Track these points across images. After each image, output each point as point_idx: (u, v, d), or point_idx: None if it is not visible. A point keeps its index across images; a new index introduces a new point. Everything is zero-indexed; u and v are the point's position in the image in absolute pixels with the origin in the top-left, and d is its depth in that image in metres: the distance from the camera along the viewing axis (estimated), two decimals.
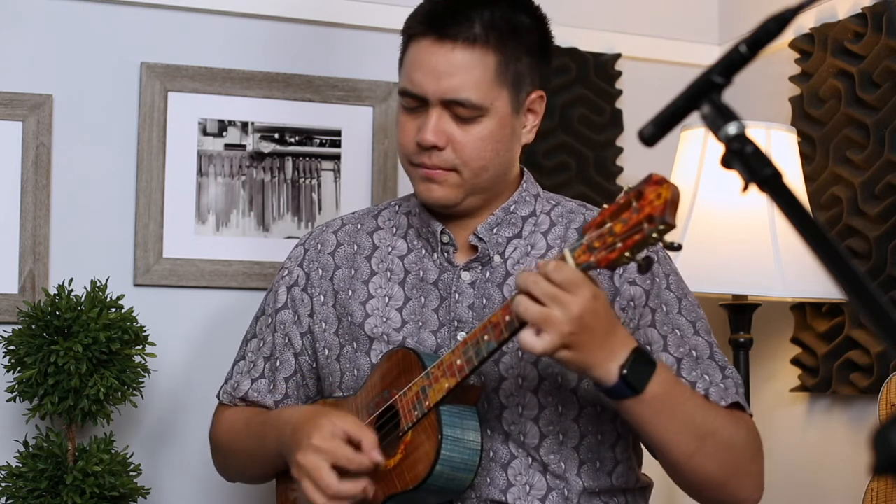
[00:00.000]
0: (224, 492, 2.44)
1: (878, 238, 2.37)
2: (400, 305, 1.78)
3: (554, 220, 1.80)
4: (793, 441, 2.62)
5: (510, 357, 1.71)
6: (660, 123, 1.13)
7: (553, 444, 1.71)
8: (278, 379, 1.89)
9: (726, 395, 1.71)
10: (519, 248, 1.77)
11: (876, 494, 2.04)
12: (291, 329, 1.88)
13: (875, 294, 0.92)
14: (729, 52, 1.10)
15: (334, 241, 1.88)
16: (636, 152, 2.71)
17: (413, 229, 1.83)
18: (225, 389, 1.94)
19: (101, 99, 2.41)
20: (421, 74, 1.68)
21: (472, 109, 1.68)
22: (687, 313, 1.75)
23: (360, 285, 1.82)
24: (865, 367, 2.40)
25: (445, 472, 1.60)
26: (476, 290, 1.75)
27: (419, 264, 1.80)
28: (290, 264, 1.91)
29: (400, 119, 1.74)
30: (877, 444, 0.82)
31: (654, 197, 1.39)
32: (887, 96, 2.38)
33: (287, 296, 1.89)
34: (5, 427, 2.27)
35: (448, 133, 1.69)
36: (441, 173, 1.70)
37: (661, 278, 1.75)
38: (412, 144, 1.71)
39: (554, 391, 1.71)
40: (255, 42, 2.53)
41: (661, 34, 2.86)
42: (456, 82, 1.67)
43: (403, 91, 1.71)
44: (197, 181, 2.45)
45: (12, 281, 2.30)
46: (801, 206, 1.00)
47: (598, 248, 1.44)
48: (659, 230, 1.38)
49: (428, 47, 1.68)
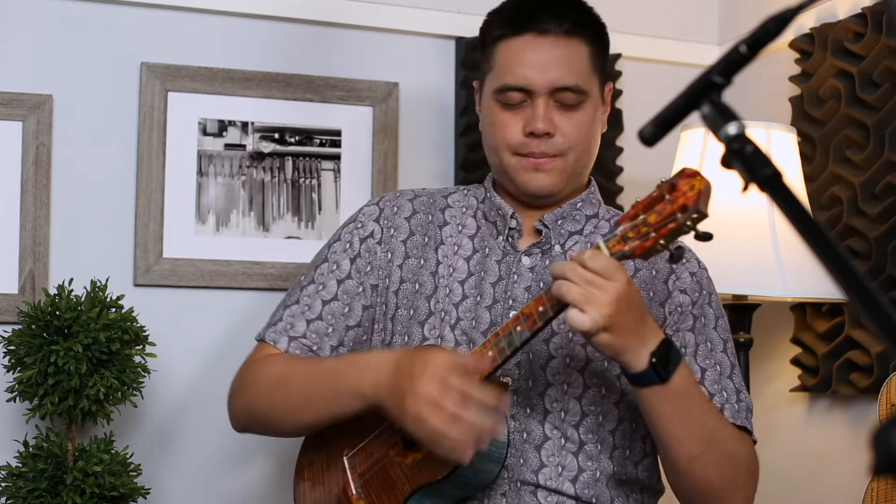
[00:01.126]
0: (224, 491, 2.44)
1: (878, 238, 2.37)
2: (463, 279, 1.84)
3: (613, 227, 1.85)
4: (793, 441, 2.62)
5: (561, 337, 1.78)
6: (660, 123, 1.13)
7: (592, 423, 1.77)
8: (339, 324, 1.84)
9: (737, 416, 1.78)
10: (579, 243, 1.85)
11: (876, 494, 2.04)
12: (365, 279, 1.87)
13: (875, 294, 0.92)
14: (729, 52, 1.10)
15: (410, 208, 1.92)
16: (636, 152, 2.71)
17: (481, 210, 1.90)
18: (275, 328, 1.85)
19: (101, 99, 2.41)
20: (526, 68, 1.78)
21: (578, 94, 1.79)
22: (721, 331, 1.84)
23: (431, 254, 1.88)
24: (865, 367, 2.40)
25: (474, 462, 1.59)
26: (534, 275, 1.82)
27: (485, 242, 1.87)
28: (363, 219, 1.92)
29: (498, 117, 1.81)
30: (877, 444, 0.82)
31: (687, 188, 1.45)
32: (887, 96, 2.38)
33: (361, 246, 1.89)
34: (5, 427, 2.27)
35: (555, 121, 1.78)
36: (548, 161, 1.79)
37: (706, 294, 1.84)
38: (518, 136, 1.79)
39: (600, 373, 1.78)
40: (255, 42, 2.53)
41: (661, 34, 2.86)
42: (563, 70, 1.78)
43: (506, 87, 1.79)
44: (197, 181, 2.45)
45: (12, 281, 2.30)
46: (801, 206, 1.00)
47: (632, 237, 1.51)
48: (693, 219, 1.45)
49: (529, 43, 1.79)
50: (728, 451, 1.72)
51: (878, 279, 2.35)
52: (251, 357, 1.88)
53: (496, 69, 1.82)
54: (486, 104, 1.85)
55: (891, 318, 0.90)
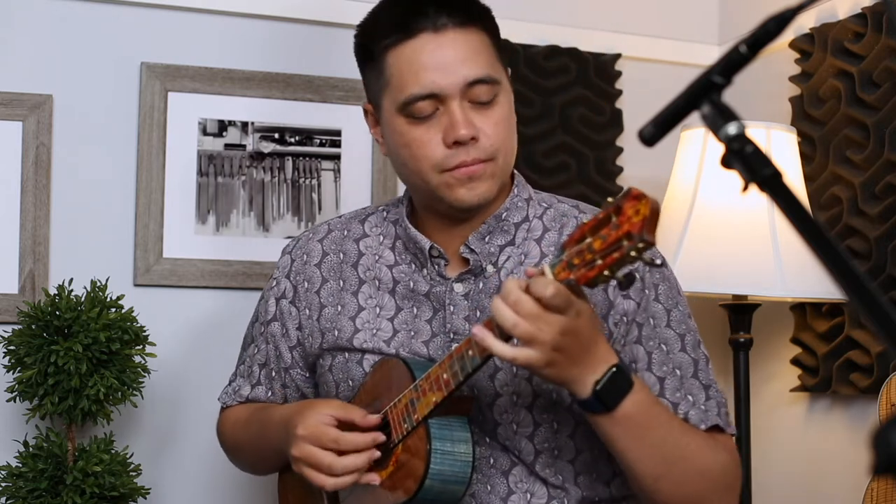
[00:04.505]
0: (224, 492, 2.44)
1: (878, 238, 2.37)
2: (392, 315, 1.75)
3: (547, 224, 1.75)
4: (793, 441, 2.62)
5: (505, 373, 1.67)
6: (660, 123, 1.13)
7: (548, 458, 1.69)
8: (275, 387, 1.90)
9: (706, 418, 1.67)
10: (512, 256, 1.72)
11: (876, 494, 2.04)
12: (281, 342, 1.86)
13: (875, 294, 0.92)
14: (729, 52, 1.10)
15: (320, 251, 1.83)
16: (636, 152, 2.71)
17: (401, 241, 1.78)
18: (227, 391, 1.95)
19: (101, 99, 2.41)
20: (431, 72, 1.62)
21: (492, 86, 1.65)
22: (676, 325, 1.70)
23: (349, 298, 1.78)
24: (865, 367, 2.40)
25: (436, 485, 1.58)
26: (470, 302, 1.70)
27: (409, 276, 1.75)
28: (277, 274, 1.88)
29: (411, 136, 1.65)
30: (877, 444, 0.82)
31: (632, 213, 1.34)
32: (887, 96, 2.38)
33: (276, 307, 1.86)
34: (5, 427, 2.27)
35: (475, 124, 1.64)
36: (481, 167, 1.64)
37: (651, 289, 1.70)
38: (440, 150, 1.63)
39: (549, 408, 1.68)
40: (255, 42, 2.53)
41: (661, 34, 2.86)
42: (471, 64, 1.63)
43: (413, 98, 1.63)
44: (197, 181, 2.45)
45: (12, 281, 2.30)
46: (801, 206, 1.00)
47: (578, 265, 1.41)
48: (638, 248, 1.34)
49: (427, 43, 1.63)
50: (698, 468, 1.61)
51: (878, 279, 2.35)
52: (219, 417, 1.99)
53: (394, 82, 1.65)
54: (391, 125, 1.67)
55: (891, 318, 0.90)
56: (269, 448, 1.82)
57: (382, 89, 1.68)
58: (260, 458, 1.90)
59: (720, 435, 1.69)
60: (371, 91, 1.73)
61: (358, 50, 1.75)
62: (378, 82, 1.69)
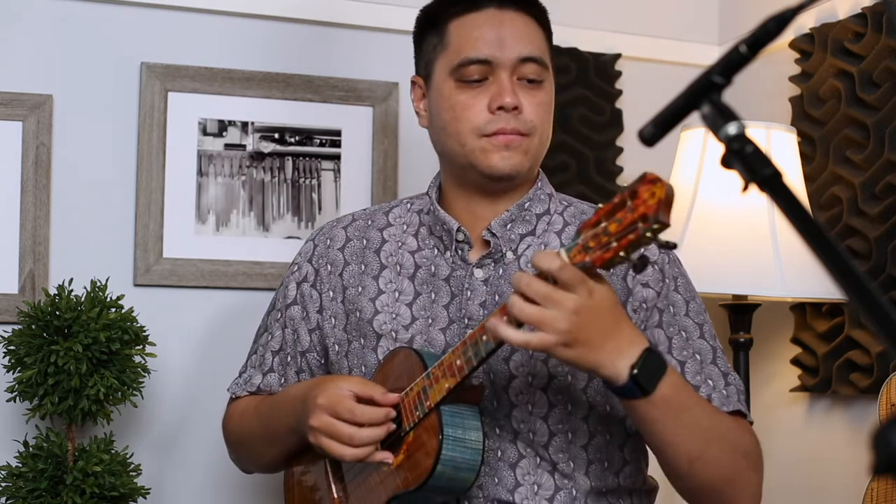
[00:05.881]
0: (225, 492, 2.44)
1: (878, 238, 2.37)
2: (410, 301, 1.78)
3: (567, 220, 1.80)
4: (793, 441, 2.62)
5: (521, 355, 1.70)
6: (660, 123, 1.13)
7: (562, 442, 1.71)
8: (289, 373, 1.90)
9: (728, 402, 1.70)
10: (532, 245, 1.77)
11: (876, 494, 2.04)
12: (300, 325, 1.88)
13: (875, 294, 0.92)
14: (729, 52, 1.10)
15: (343, 237, 1.88)
16: (636, 152, 2.71)
17: (425, 227, 1.83)
18: (237, 382, 1.95)
19: (101, 99, 2.41)
20: (488, 41, 1.72)
21: (542, 69, 1.74)
22: (694, 315, 1.75)
23: (369, 281, 1.82)
24: (865, 367, 2.40)
25: (447, 471, 1.59)
26: (489, 288, 1.75)
27: (430, 261, 1.80)
28: (299, 259, 1.91)
29: (458, 99, 1.72)
30: (877, 444, 0.82)
31: (647, 196, 1.37)
32: (887, 96, 2.38)
33: (296, 291, 1.89)
34: (5, 427, 2.27)
35: (519, 97, 1.72)
36: (518, 138, 1.71)
37: (671, 280, 1.75)
38: (483, 114, 1.71)
39: (564, 389, 1.71)
40: (255, 42, 2.53)
41: (661, 34, 2.86)
42: (525, 42, 1.73)
43: (467, 61, 1.71)
44: (197, 181, 2.45)
45: (12, 281, 2.30)
46: (801, 206, 1.00)
47: (594, 247, 1.44)
48: (653, 229, 1.37)
49: (490, 17, 1.73)
50: (729, 447, 1.64)
51: (878, 279, 2.35)
52: (226, 410, 1.98)
53: (452, 47, 1.74)
54: (440, 89, 1.76)
55: (891, 318, 0.90)
56: (280, 428, 1.81)
57: (439, 54, 1.76)
58: (267, 444, 1.88)
59: (742, 419, 1.72)
60: (425, 60, 1.80)
61: (421, 20, 1.83)
62: (435, 49, 1.77)
